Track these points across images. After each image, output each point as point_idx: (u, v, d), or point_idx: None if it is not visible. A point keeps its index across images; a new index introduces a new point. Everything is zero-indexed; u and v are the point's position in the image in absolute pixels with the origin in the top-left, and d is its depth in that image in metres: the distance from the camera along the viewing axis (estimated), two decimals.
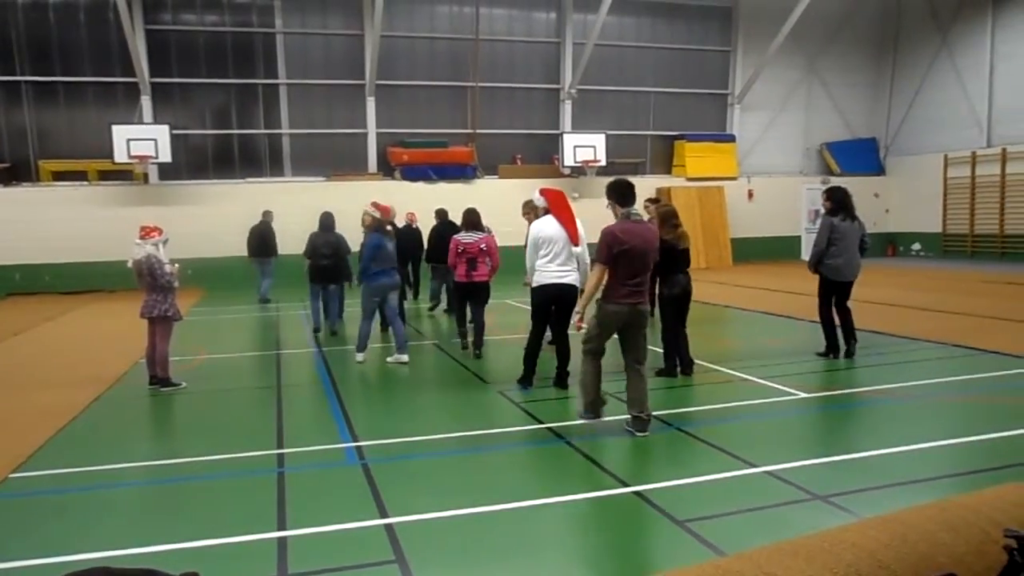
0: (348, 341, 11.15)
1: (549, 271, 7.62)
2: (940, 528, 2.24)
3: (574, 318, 6.32)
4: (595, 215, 16.67)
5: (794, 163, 24.92)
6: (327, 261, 11.45)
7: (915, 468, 5.16)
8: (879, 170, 25.53)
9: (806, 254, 24.41)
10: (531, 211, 8.00)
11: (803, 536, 2.29)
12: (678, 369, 8.13)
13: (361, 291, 9.47)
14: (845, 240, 8.69)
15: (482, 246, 9.25)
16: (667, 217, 8.35)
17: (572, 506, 4.66)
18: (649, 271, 6.12)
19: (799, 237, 24.40)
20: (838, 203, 8.78)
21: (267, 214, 16.34)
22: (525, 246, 7.97)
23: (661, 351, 8.25)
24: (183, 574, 1.73)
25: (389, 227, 9.73)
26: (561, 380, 7.77)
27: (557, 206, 7.84)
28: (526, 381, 7.77)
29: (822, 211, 9.04)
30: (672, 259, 8.04)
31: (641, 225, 6.12)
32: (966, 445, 5.66)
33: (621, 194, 6.14)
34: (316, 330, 11.62)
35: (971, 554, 2.15)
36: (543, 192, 8.01)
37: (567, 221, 7.77)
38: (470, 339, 9.71)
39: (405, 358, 9.29)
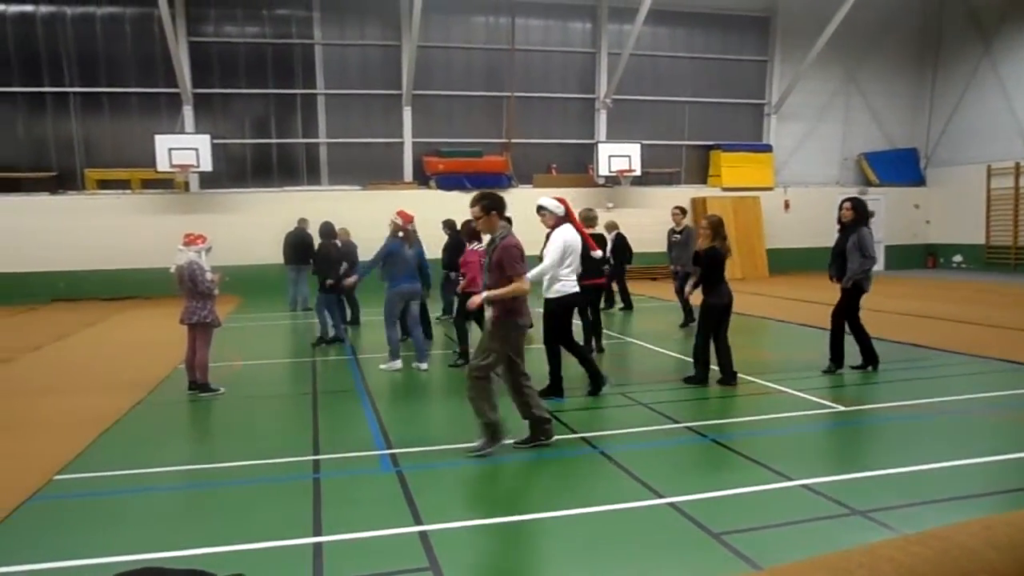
0: (373, 349, 11.24)
1: (571, 281, 7.64)
2: (985, 546, 2.20)
3: (475, 300, 6.12)
4: (630, 224, 16.70)
5: (831, 174, 24.61)
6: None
7: (957, 485, 5.06)
8: (919, 181, 25.12)
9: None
10: (548, 216, 7.80)
11: (841, 551, 2.26)
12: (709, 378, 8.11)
13: (385, 298, 9.54)
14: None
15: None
16: (719, 227, 8.36)
17: (606, 516, 4.64)
18: None
19: None
20: (864, 213, 8.65)
21: (302, 222, 16.53)
22: (542, 254, 7.87)
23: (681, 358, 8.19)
24: (230, 575, 1.77)
25: (400, 233, 9.62)
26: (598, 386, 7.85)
27: (570, 213, 7.83)
28: (559, 391, 7.77)
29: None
30: (721, 268, 8.06)
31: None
32: (1010, 463, 5.52)
33: (503, 206, 6.19)
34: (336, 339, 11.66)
35: (1019, 573, 2.11)
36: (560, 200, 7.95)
37: (579, 228, 7.76)
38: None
39: (424, 366, 9.36)
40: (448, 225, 12.85)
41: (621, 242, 13.69)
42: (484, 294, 6.00)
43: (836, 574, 2.10)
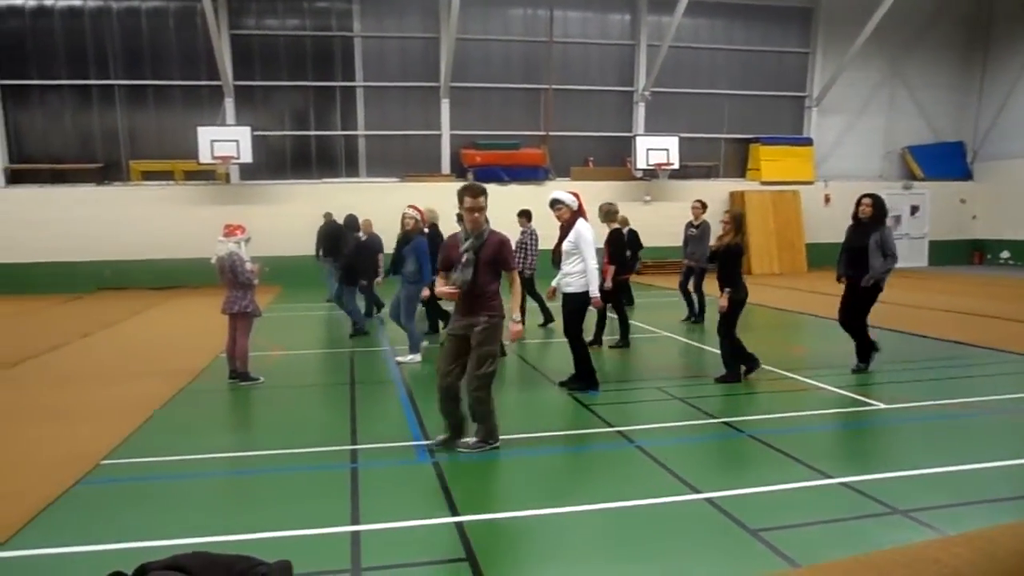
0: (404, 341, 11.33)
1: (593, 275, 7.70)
2: None
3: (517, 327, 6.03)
4: (666, 218, 16.55)
5: (874, 167, 24.16)
6: (345, 261, 11.80)
7: (1002, 486, 4.95)
8: (966, 175, 24.55)
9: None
10: (564, 210, 7.77)
11: (882, 551, 2.24)
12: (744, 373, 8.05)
13: (407, 293, 9.61)
14: None
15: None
16: (741, 221, 8.23)
17: (642, 511, 4.64)
18: None
19: None
20: (884, 211, 8.44)
21: (328, 215, 16.72)
22: (560, 248, 7.81)
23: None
24: (277, 562, 1.80)
25: (425, 228, 9.84)
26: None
27: (582, 208, 7.81)
28: (595, 384, 7.76)
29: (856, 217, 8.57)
30: (740, 263, 8.02)
31: None
32: None
33: None
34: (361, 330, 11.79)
35: None
36: (573, 193, 7.92)
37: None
38: None
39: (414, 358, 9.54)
40: (528, 216, 12.45)
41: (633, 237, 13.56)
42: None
43: (876, 573, 2.07)
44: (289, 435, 6.48)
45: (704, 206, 12.43)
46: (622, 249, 10.26)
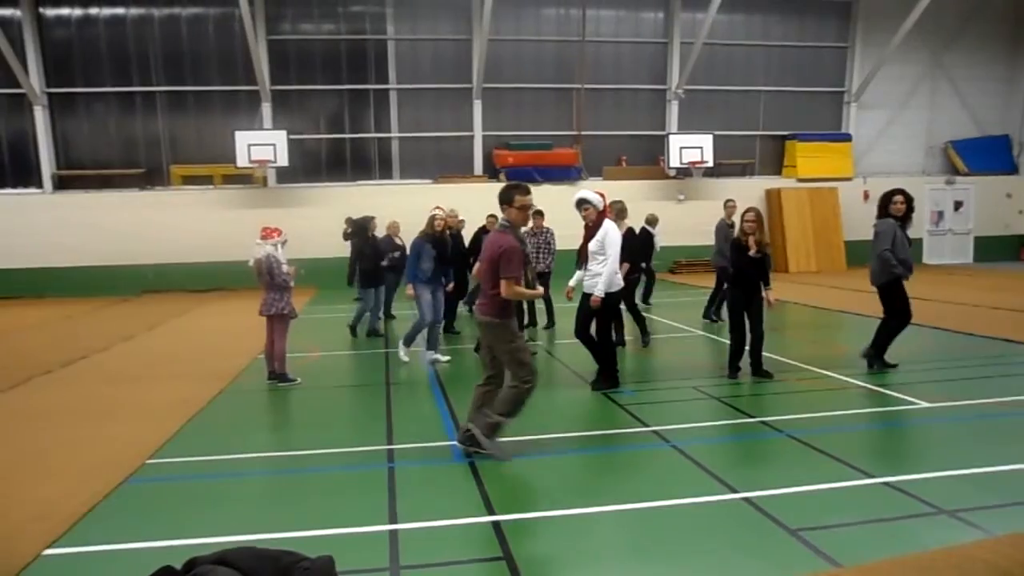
0: (449, 342, 11.38)
1: (619, 276, 7.74)
2: None
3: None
4: (700, 217, 16.51)
5: (916, 163, 23.71)
6: (363, 264, 11.95)
7: None
8: (1012, 169, 23.98)
9: (928, 257, 23.22)
10: (591, 210, 7.75)
11: (928, 551, 2.20)
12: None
13: (438, 295, 9.67)
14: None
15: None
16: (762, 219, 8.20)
17: (679, 510, 4.61)
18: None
19: (920, 240, 23.19)
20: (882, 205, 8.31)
21: (349, 219, 16.90)
22: (585, 250, 7.76)
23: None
24: (319, 557, 1.83)
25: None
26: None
27: (606, 208, 7.78)
28: (616, 381, 7.77)
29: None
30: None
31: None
32: None
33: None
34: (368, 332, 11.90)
35: None
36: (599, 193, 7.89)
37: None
38: None
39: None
40: (542, 215, 12.47)
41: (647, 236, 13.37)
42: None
43: (922, 574, 2.04)
44: (327, 435, 6.55)
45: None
46: (633, 248, 10.19)
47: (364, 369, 9.84)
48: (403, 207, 15.87)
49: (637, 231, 11.47)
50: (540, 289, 5.57)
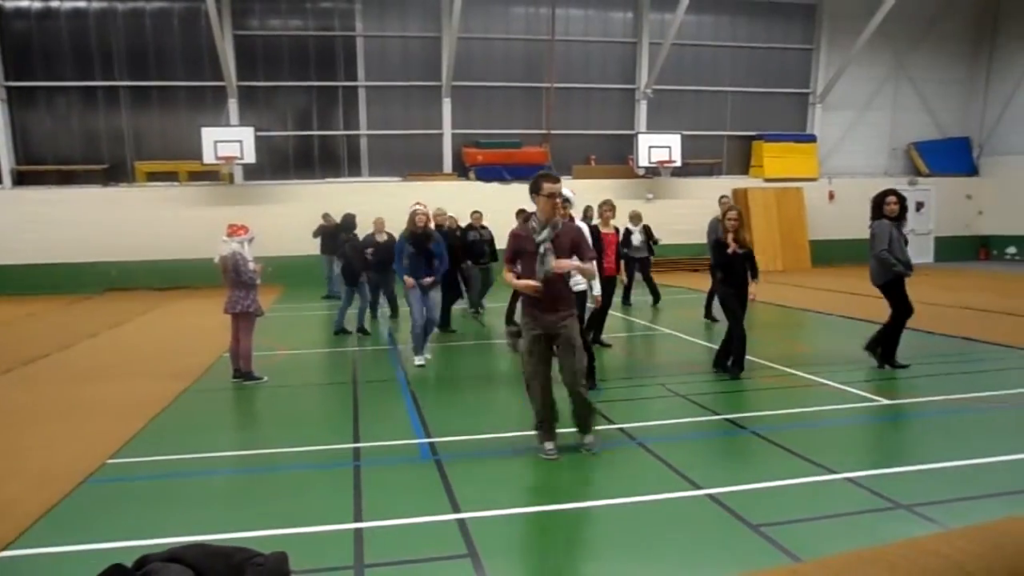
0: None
1: None
2: None
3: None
4: (668, 216, 16.66)
5: (879, 164, 24.10)
6: (344, 262, 11.75)
7: (1006, 480, 4.93)
8: (972, 171, 24.47)
9: None
10: (569, 208, 7.78)
11: (885, 544, 2.23)
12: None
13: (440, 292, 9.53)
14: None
15: None
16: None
17: (643, 507, 4.64)
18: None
19: None
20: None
21: (326, 216, 16.82)
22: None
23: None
24: (273, 553, 1.81)
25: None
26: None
27: None
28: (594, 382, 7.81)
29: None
30: None
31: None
32: None
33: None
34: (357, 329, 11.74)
35: None
36: None
37: None
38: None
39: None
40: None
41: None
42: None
43: (880, 567, 2.07)
44: (292, 434, 6.50)
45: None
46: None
47: (332, 368, 9.77)
48: (372, 205, 15.75)
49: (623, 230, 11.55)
50: (535, 283, 5.39)
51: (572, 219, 7.75)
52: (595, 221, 9.89)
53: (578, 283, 7.66)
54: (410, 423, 6.75)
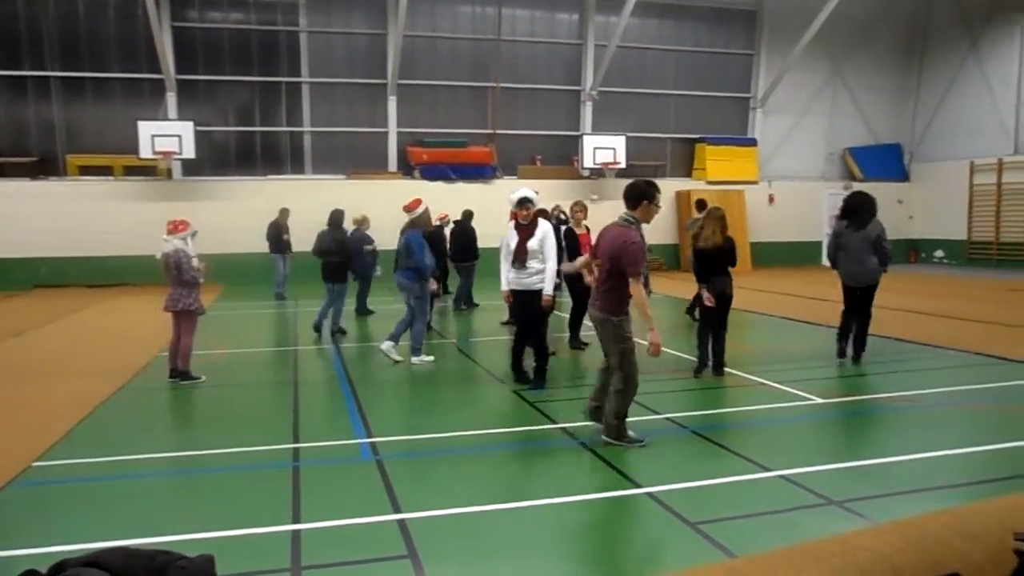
0: (364, 339, 11.25)
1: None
2: (955, 535, 2.23)
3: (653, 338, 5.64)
4: (613, 217, 16.57)
5: (816, 168, 24.73)
6: (330, 259, 11.44)
7: (932, 475, 5.11)
8: (903, 176, 25.28)
9: (827, 259, 24.19)
10: (532, 209, 7.86)
11: (817, 540, 2.28)
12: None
13: (426, 290, 9.29)
14: (846, 248, 8.78)
15: None
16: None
17: (584, 506, 4.67)
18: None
19: (820, 242, 24.19)
20: (842, 209, 8.81)
21: (282, 212, 16.54)
22: (523, 250, 7.74)
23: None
24: (198, 556, 1.76)
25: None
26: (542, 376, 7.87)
27: None
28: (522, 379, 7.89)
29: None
30: None
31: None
32: (984, 453, 5.59)
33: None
34: (315, 327, 11.44)
35: (986, 561, 2.13)
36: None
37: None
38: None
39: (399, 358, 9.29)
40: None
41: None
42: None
43: (810, 562, 2.12)
44: (230, 434, 6.36)
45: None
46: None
47: (272, 367, 9.59)
48: (315, 202, 15.57)
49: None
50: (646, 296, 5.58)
51: (537, 219, 7.82)
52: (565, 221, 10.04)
53: (541, 283, 7.71)
54: (351, 423, 6.67)
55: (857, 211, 8.79)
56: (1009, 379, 7.96)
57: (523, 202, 7.75)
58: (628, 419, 5.84)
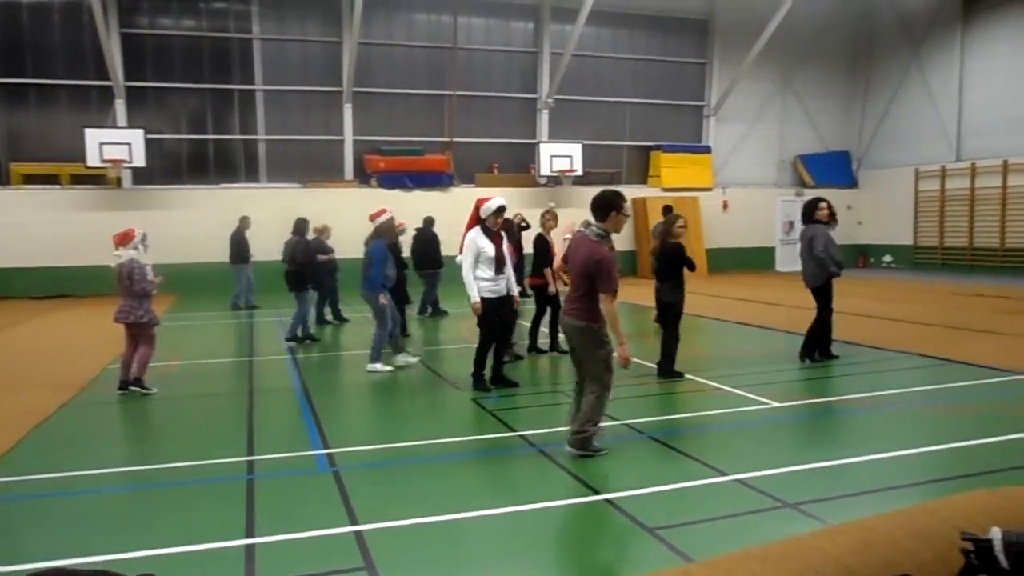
0: (324, 348, 11.13)
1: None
2: (906, 535, 2.27)
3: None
4: (570, 224, 16.44)
5: (768, 175, 25.17)
6: (289, 267, 11.39)
7: (885, 476, 5.21)
8: (852, 183, 25.86)
9: (780, 265, 24.60)
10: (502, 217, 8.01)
11: (772, 543, 2.30)
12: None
13: (392, 300, 9.35)
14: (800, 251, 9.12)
15: None
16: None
17: (542, 514, 4.66)
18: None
19: (773, 248, 24.66)
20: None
21: (243, 220, 16.24)
22: (502, 256, 7.89)
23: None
24: (140, 574, 1.71)
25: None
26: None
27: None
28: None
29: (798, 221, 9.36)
30: None
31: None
32: (935, 453, 5.72)
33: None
34: (289, 338, 11.34)
35: (935, 560, 2.17)
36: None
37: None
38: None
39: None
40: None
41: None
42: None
43: (767, 565, 2.13)
44: (183, 447, 6.22)
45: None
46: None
47: (227, 378, 9.40)
48: (270, 211, 15.39)
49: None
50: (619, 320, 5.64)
51: (506, 227, 7.97)
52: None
53: (509, 288, 7.81)
54: (307, 433, 6.57)
55: (804, 215, 9.09)
56: (958, 380, 8.16)
57: (501, 210, 7.85)
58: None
